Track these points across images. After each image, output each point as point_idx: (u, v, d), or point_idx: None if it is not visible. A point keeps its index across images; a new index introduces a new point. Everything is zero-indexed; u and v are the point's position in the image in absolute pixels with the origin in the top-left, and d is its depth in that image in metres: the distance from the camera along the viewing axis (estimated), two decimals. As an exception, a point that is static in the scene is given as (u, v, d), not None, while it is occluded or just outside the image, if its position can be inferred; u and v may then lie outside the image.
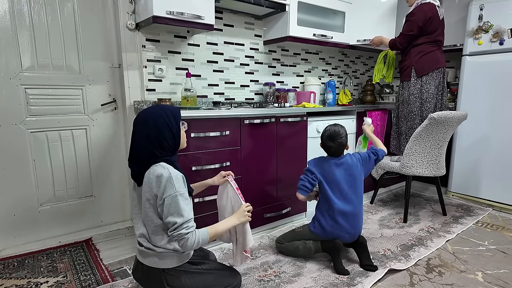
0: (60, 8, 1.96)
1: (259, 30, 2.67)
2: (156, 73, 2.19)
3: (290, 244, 1.87)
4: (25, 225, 1.99)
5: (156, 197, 1.22)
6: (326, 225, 1.78)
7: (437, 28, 2.38)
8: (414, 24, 2.35)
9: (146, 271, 1.31)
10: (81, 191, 2.16)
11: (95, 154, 2.18)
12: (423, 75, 2.40)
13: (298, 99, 2.70)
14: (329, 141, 1.81)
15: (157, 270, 1.29)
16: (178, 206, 1.20)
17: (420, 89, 2.42)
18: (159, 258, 1.28)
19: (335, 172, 1.79)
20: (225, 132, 1.89)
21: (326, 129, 1.85)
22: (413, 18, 2.36)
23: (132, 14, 2.07)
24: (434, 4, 2.35)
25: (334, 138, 1.80)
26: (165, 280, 1.29)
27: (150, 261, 1.29)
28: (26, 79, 1.91)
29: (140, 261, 1.32)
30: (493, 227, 2.32)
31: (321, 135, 1.87)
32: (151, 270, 1.30)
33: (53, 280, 1.64)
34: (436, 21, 2.36)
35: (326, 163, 1.81)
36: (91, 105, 2.13)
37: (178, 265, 1.31)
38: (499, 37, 2.55)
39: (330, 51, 3.20)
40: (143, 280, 1.36)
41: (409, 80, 2.45)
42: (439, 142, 2.30)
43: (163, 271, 1.29)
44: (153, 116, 1.27)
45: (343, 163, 1.81)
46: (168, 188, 1.20)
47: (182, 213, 1.20)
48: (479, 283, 1.64)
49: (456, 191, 2.91)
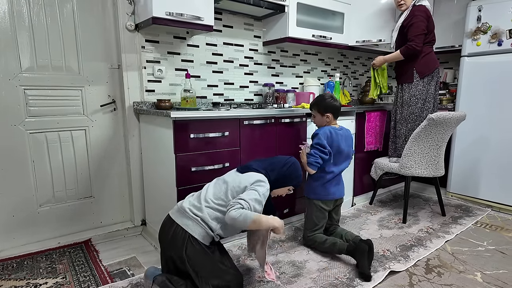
0: (60, 9, 1.96)
1: (258, 31, 2.67)
2: (155, 74, 2.19)
3: (317, 236, 1.92)
4: (24, 226, 1.99)
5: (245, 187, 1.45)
6: (322, 187, 1.92)
7: (433, 28, 2.41)
8: (422, 23, 2.32)
9: (174, 232, 1.39)
10: (81, 192, 2.16)
11: (94, 155, 2.18)
12: (425, 76, 2.41)
13: (298, 100, 2.70)
14: (334, 101, 1.91)
15: (184, 234, 1.37)
16: (252, 197, 1.39)
17: (422, 90, 2.42)
18: (193, 223, 1.39)
19: (340, 143, 1.89)
20: (224, 133, 1.89)
21: (323, 94, 1.98)
22: (418, 18, 2.33)
23: (131, 15, 2.07)
24: (426, 6, 2.37)
25: (335, 99, 1.93)
26: (186, 246, 1.36)
27: (184, 222, 1.39)
28: (26, 80, 1.90)
29: (173, 219, 1.42)
30: (492, 228, 2.32)
31: (322, 101, 1.93)
32: (178, 231, 1.38)
33: (52, 281, 1.64)
34: (432, 21, 2.39)
35: (334, 135, 1.88)
36: (91, 106, 2.13)
37: (201, 240, 1.39)
38: (497, 38, 2.56)
39: (329, 52, 3.20)
40: (167, 240, 1.42)
41: (411, 82, 2.44)
42: (438, 142, 2.30)
43: (189, 237, 1.37)
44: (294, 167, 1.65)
45: (345, 134, 1.93)
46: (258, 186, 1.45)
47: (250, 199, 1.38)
48: (478, 284, 1.64)
49: (455, 191, 2.92)
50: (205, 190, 1.50)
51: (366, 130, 2.74)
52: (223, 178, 1.54)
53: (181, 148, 1.75)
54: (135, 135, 2.20)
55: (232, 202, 1.38)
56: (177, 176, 1.76)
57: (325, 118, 1.93)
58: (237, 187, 1.46)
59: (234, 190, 1.45)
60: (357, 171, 2.73)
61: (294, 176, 1.65)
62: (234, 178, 1.51)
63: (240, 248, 1.98)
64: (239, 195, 1.41)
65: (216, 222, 1.43)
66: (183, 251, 1.36)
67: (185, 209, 1.43)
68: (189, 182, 1.79)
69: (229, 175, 1.55)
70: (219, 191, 1.47)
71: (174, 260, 1.41)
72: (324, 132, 1.89)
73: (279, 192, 1.66)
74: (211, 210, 1.43)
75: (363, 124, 2.71)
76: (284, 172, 1.61)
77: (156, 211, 2.10)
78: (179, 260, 1.38)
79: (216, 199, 1.45)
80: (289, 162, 1.65)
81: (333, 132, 1.89)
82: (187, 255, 1.37)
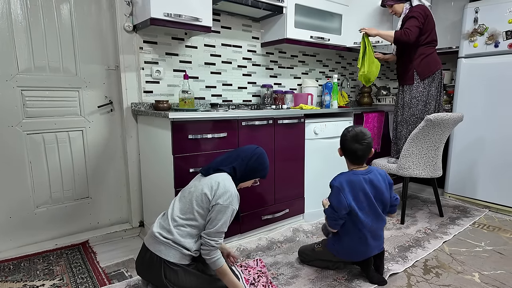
0: (57, 10, 1.95)
1: (256, 32, 2.67)
2: (153, 75, 2.19)
3: (316, 262, 1.76)
4: (21, 227, 1.98)
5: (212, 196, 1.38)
6: (352, 245, 1.57)
7: (433, 27, 2.39)
8: (419, 18, 2.30)
9: (149, 259, 1.36)
10: (77, 193, 2.15)
11: (91, 156, 2.17)
12: (425, 78, 2.40)
13: (296, 101, 2.71)
14: (354, 143, 1.57)
15: (159, 261, 1.34)
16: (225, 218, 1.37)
17: (423, 92, 2.42)
18: (165, 247, 1.35)
19: (365, 189, 1.54)
20: (222, 134, 1.89)
21: (348, 130, 1.62)
22: (416, 14, 2.31)
23: (129, 16, 2.07)
24: (426, 5, 2.38)
25: (360, 139, 1.56)
26: (164, 272, 1.34)
27: (156, 248, 1.35)
28: (23, 81, 1.90)
29: (147, 246, 1.39)
30: (490, 228, 2.33)
31: (342, 138, 1.63)
32: (154, 259, 1.35)
33: (49, 283, 1.62)
34: (431, 19, 2.38)
35: (356, 181, 1.55)
36: (88, 107, 2.13)
37: (178, 262, 1.36)
38: (494, 39, 2.57)
39: (327, 53, 3.21)
40: (144, 269, 1.40)
41: (412, 83, 2.44)
42: (435, 143, 2.31)
43: (164, 263, 1.34)
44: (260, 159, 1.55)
45: (372, 179, 1.57)
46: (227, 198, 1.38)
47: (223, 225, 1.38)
48: (476, 284, 1.64)
49: (453, 192, 2.93)
50: (171, 208, 1.45)
51: (364, 131, 2.74)
52: (188, 189, 1.47)
53: (179, 149, 1.75)
54: (133, 136, 2.19)
55: (203, 234, 1.38)
56: (175, 177, 1.76)
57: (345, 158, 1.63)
58: (200, 196, 1.40)
59: (198, 200, 1.40)
60: (355, 172, 2.74)
61: (260, 168, 1.57)
62: (197, 185, 1.44)
63: (239, 249, 1.97)
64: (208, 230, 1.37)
65: (190, 239, 1.38)
66: (162, 278, 1.34)
67: (155, 234, 1.38)
68: (187, 183, 1.78)
69: (192, 183, 1.50)
70: (184, 205, 1.42)
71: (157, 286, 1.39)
72: (340, 183, 1.56)
73: (245, 185, 1.60)
74: (181, 228, 1.38)
75: (361, 125, 2.71)
76: (251, 165, 1.53)
77: (154, 213, 2.09)
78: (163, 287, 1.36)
79: (183, 214, 1.40)
80: (255, 154, 1.55)
81: (355, 179, 1.55)
82: (168, 280, 1.34)
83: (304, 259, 1.81)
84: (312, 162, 2.40)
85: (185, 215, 1.39)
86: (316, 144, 2.40)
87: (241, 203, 1.53)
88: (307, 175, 2.38)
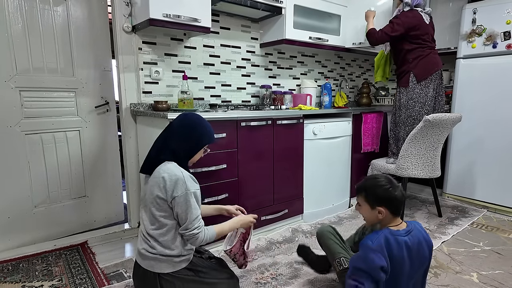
0: (54, 11, 1.96)
1: (255, 33, 2.68)
2: (152, 76, 2.19)
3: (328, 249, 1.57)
4: (20, 227, 1.98)
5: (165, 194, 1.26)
6: None
7: (426, 31, 2.39)
8: (395, 27, 2.33)
9: (143, 275, 1.32)
10: (74, 192, 2.17)
11: (88, 155, 2.20)
12: (422, 80, 2.40)
13: (295, 102, 2.71)
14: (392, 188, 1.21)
15: (153, 274, 1.29)
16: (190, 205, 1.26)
17: (420, 94, 2.41)
18: (155, 262, 1.29)
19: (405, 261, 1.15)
20: (221, 135, 1.89)
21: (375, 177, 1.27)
22: (396, 20, 2.34)
23: (128, 17, 2.07)
24: (417, 11, 2.36)
25: (395, 184, 1.23)
26: (160, 285, 1.29)
27: (147, 264, 1.30)
28: (21, 82, 1.90)
29: (139, 263, 1.33)
30: (488, 228, 2.34)
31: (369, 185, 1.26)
32: (147, 273, 1.30)
33: (48, 284, 1.62)
34: (423, 26, 2.36)
35: (395, 246, 1.15)
36: (84, 108, 2.15)
37: (173, 271, 1.31)
38: (492, 40, 2.58)
39: (326, 54, 3.22)
40: (140, 284, 1.36)
41: (407, 86, 2.44)
42: (434, 144, 2.32)
43: (159, 275, 1.29)
44: (195, 125, 1.37)
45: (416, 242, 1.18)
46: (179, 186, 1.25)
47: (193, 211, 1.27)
48: (474, 284, 1.65)
49: (451, 192, 2.93)
50: (141, 222, 1.35)
51: (363, 132, 2.75)
52: (143, 196, 1.36)
53: (178, 149, 1.75)
54: (132, 137, 2.19)
55: (181, 231, 1.28)
56: (174, 178, 1.75)
57: (376, 212, 1.23)
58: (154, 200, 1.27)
59: (155, 205, 1.28)
60: (354, 172, 2.74)
61: (202, 135, 1.38)
62: (146, 190, 1.33)
63: (238, 250, 1.97)
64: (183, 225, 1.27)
65: (175, 242, 1.30)
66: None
67: (140, 251, 1.32)
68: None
69: (143, 188, 1.39)
70: (149, 216, 1.31)
71: None
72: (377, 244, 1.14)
73: (196, 158, 1.43)
74: (159, 240, 1.29)
75: (360, 126, 2.72)
76: (190, 138, 1.35)
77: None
78: None
79: (153, 224, 1.30)
80: (188, 125, 1.36)
81: (392, 241, 1.15)
82: None
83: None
84: (311, 162, 2.40)
85: (155, 225, 1.30)
86: (315, 145, 2.40)
87: (241, 203, 1.53)
88: (306, 176, 2.39)
